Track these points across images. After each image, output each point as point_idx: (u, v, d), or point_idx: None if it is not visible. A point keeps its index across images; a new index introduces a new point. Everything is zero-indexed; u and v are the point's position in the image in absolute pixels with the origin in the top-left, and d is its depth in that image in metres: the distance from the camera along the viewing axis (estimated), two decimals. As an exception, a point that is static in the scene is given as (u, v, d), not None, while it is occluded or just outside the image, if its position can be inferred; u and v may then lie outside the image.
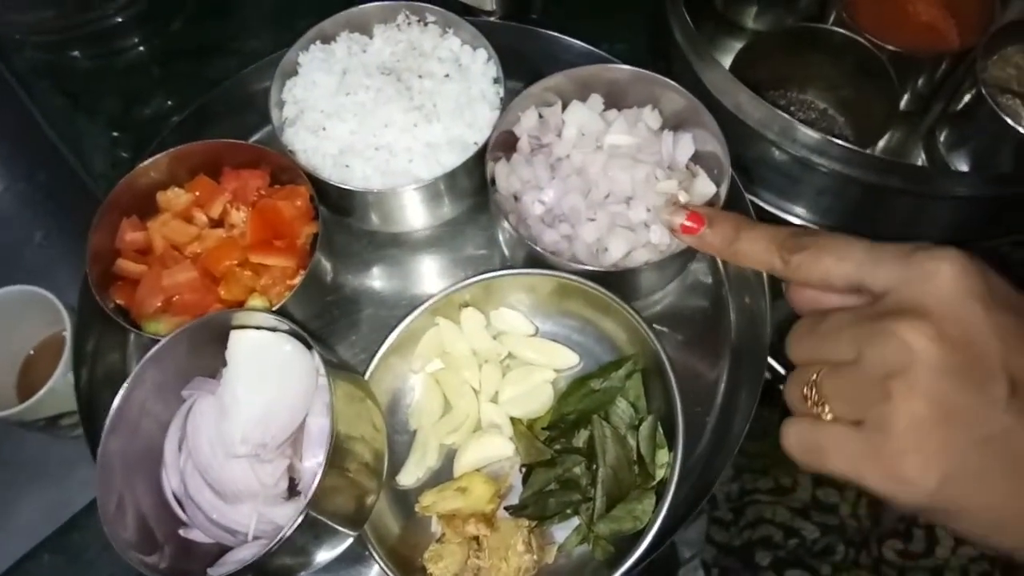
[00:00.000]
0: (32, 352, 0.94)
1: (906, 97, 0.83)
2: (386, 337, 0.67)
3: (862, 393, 0.41)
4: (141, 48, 0.90)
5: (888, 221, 0.73)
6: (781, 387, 0.72)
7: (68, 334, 0.79)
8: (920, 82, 0.82)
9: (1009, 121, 0.72)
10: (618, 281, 0.66)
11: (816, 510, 1.08)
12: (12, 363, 0.92)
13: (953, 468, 0.39)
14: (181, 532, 0.59)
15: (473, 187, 0.75)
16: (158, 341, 0.60)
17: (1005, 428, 0.38)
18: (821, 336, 0.44)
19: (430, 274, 0.78)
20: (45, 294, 0.83)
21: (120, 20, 0.90)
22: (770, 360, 0.67)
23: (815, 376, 0.44)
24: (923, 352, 0.38)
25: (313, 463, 0.56)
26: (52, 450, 0.94)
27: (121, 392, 0.57)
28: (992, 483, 0.39)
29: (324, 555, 0.59)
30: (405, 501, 0.65)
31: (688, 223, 0.60)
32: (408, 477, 0.65)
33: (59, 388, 0.78)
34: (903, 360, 0.39)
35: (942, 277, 0.40)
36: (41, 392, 0.78)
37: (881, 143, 0.81)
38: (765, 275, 0.70)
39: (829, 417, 0.43)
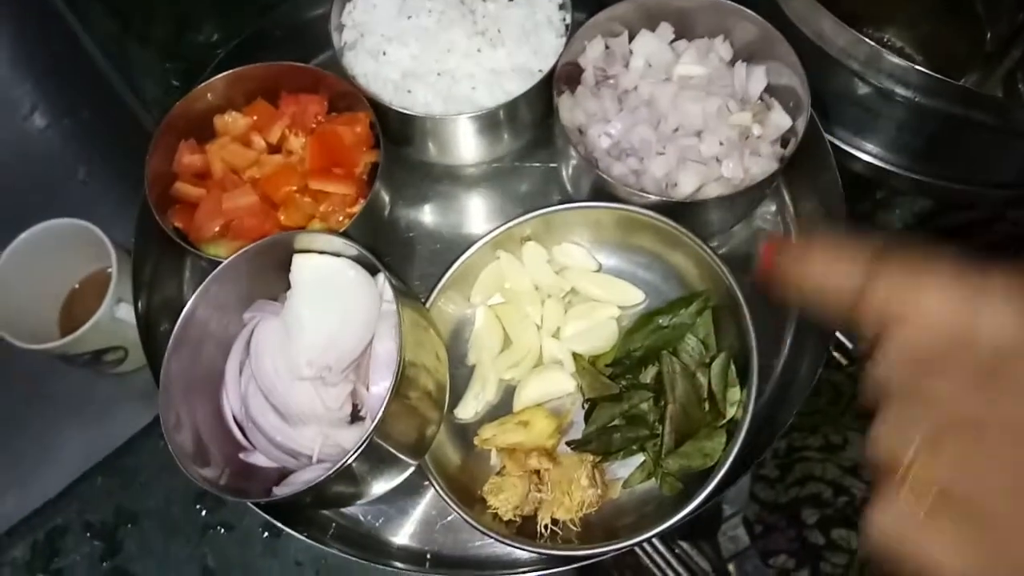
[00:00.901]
0: (77, 286, 0.94)
1: (987, 37, 0.79)
2: (446, 270, 0.65)
3: (983, 475, 0.30)
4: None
5: (966, 159, 0.70)
6: (836, 355, 0.69)
7: (113, 270, 0.79)
8: (1002, 23, 0.78)
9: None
10: (688, 215, 0.64)
11: (866, 468, 1.07)
12: (56, 297, 0.91)
13: None
14: (241, 456, 0.58)
15: (533, 120, 0.72)
16: (217, 265, 0.59)
17: None
18: (923, 396, 0.32)
19: (487, 211, 0.76)
20: (91, 228, 0.83)
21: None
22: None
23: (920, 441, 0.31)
24: None
25: (380, 388, 0.55)
26: (96, 385, 0.95)
27: (184, 312, 0.56)
28: None
29: (383, 485, 0.58)
30: (464, 435, 0.64)
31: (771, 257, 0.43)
32: (467, 411, 0.64)
33: (103, 322, 0.77)
34: None
35: None
36: (86, 326, 0.77)
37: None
38: (842, 217, 0.67)
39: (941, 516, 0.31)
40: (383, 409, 0.50)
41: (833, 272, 0.36)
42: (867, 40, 0.64)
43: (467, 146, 0.71)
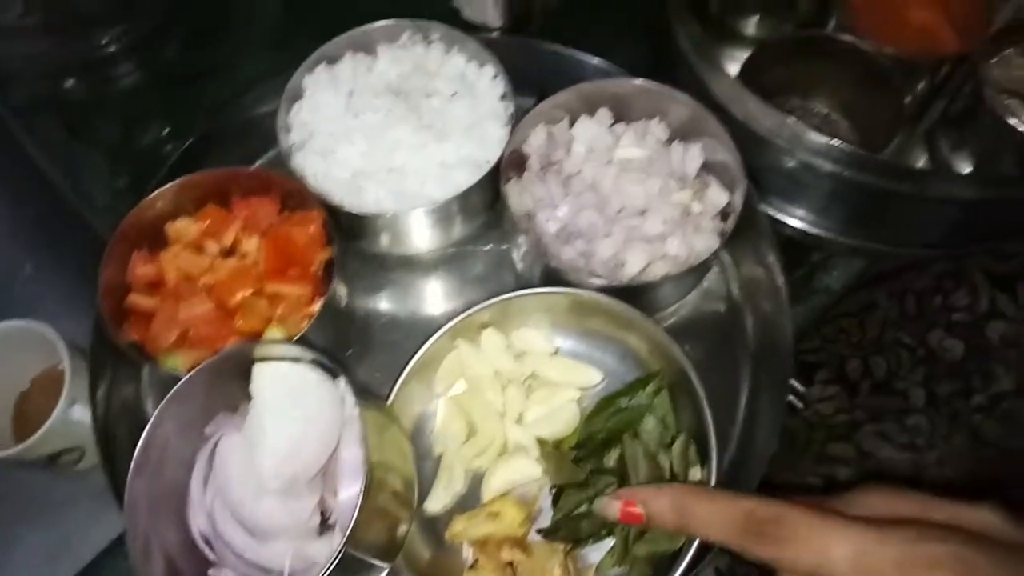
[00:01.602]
0: (28, 387, 0.92)
1: (907, 100, 0.83)
2: (406, 362, 0.66)
3: None
4: (136, 76, 0.89)
5: (892, 224, 0.74)
6: (792, 398, 0.72)
7: (66, 370, 0.77)
8: (920, 86, 0.83)
9: (1012, 122, 0.73)
10: (637, 295, 0.66)
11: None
12: (6, 400, 0.90)
13: None
14: (211, 572, 0.57)
15: (484, 205, 0.74)
16: (175, 376, 0.59)
17: None
18: None
19: (442, 296, 0.78)
20: (41, 328, 0.82)
21: (113, 50, 0.89)
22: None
23: None
24: None
25: (348, 494, 0.55)
26: (53, 486, 0.93)
27: (144, 433, 0.56)
28: None
29: (357, 590, 0.58)
30: (434, 528, 0.64)
31: (629, 510, 0.51)
32: (435, 503, 0.65)
33: (58, 426, 0.76)
34: None
35: None
36: (41, 431, 0.76)
37: (884, 147, 0.82)
38: (782, 282, 0.70)
39: None
40: (354, 518, 0.51)
41: (715, 529, 0.45)
42: (792, 120, 0.67)
43: (420, 237, 0.73)
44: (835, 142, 0.66)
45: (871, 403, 1.17)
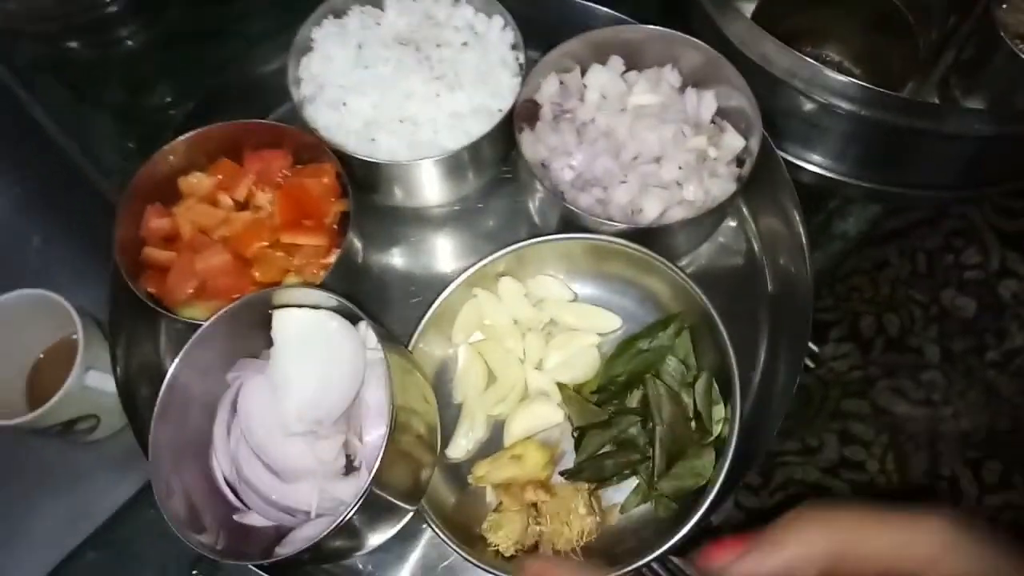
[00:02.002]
0: (41, 356, 0.92)
1: (920, 48, 0.83)
2: (425, 312, 0.66)
3: None
4: (141, 36, 0.88)
5: (909, 164, 0.74)
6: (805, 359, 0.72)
7: (79, 337, 0.78)
8: (933, 32, 0.82)
9: (1029, 58, 0.72)
10: (656, 240, 0.65)
11: (845, 468, 1.10)
12: (20, 370, 0.90)
13: None
14: (236, 517, 0.58)
15: (496, 157, 0.74)
16: (194, 328, 0.59)
17: None
18: None
19: (457, 250, 0.77)
20: (54, 297, 0.82)
21: (117, 9, 0.88)
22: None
23: None
24: None
25: (373, 437, 0.55)
26: (68, 457, 0.93)
27: (167, 379, 0.56)
28: None
29: (382, 535, 0.58)
30: (457, 474, 0.64)
31: None
32: (457, 450, 0.65)
33: (73, 392, 0.76)
34: None
35: None
36: (56, 397, 0.76)
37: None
38: (800, 228, 0.70)
39: None
40: (380, 458, 0.51)
41: None
42: (808, 60, 0.67)
43: (433, 188, 0.73)
44: (853, 81, 0.66)
45: (885, 360, 1.17)
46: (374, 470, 0.50)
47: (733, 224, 0.76)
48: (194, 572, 0.64)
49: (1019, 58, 0.73)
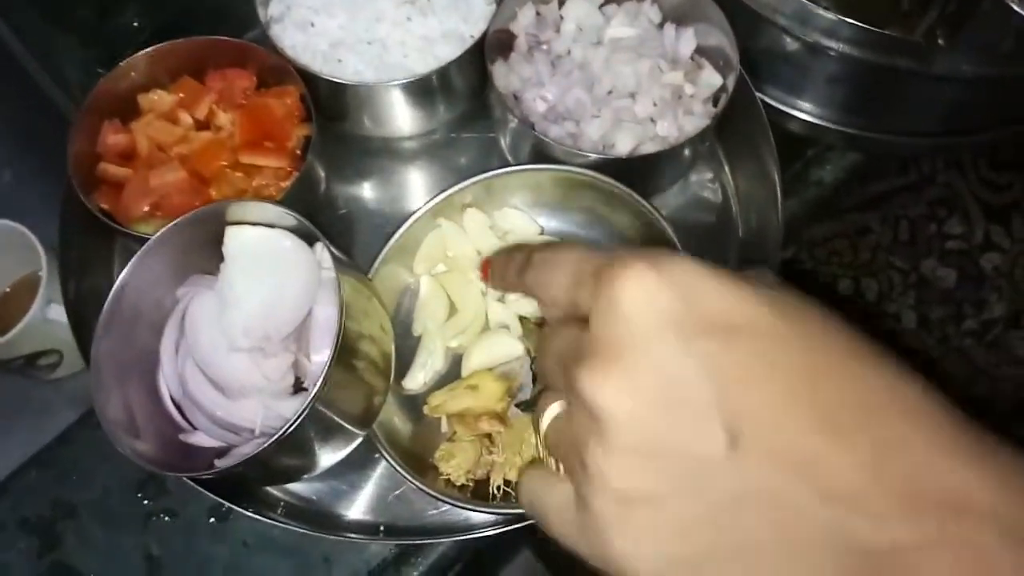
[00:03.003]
0: (8, 290, 0.91)
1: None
2: (387, 241, 0.64)
3: (567, 454, 0.33)
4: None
5: (893, 109, 0.72)
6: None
7: (43, 271, 0.77)
8: (919, -19, 0.81)
9: (1015, 7, 0.70)
10: (626, 174, 0.64)
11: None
12: (-16, 303, 0.89)
13: (670, 555, 0.30)
14: (181, 437, 0.56)
15: (467, 89, 0.72)
16: (147, 242, 0.57)
17: (733, 495, 0.29)
18: (542, 369, 0.36)
19: (426, 184, 0.75)
20: (19, 228, 0.81)
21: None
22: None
23: (544, 419, 0.35)
24: (611, 411, 0.29)
25: (321, 356, 0.54)
26: (31, 391, 0.92)
27: (114, 288, 0.54)
28: (731, 570, 0.30)
29: (330, 456, 0.57)
30: (413, 405, 0.63)
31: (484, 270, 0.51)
32: (415, 381, 0.64)
33: (35, 324, 0.76)
34: (593, 422, 0.30)
35: (626, 304, 0.30)
36: (17, 327, 0.76)
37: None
38: (778, 183, 0.68)
39: (562, 473, 0.34)
40: (324, 373, 0.49)
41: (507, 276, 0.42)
42: (792, -5, 0.65)
43: (402, 116, 0.71)
44: (839, 18, 0.64)
45: (862, 325, 1.15)
46: (316, 386, 0.49)
47: (709, 174, 0.75)
48: (139, 495, 0.63)
49: (1006, 7, 0.71)
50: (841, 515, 0.28)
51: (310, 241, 0.58)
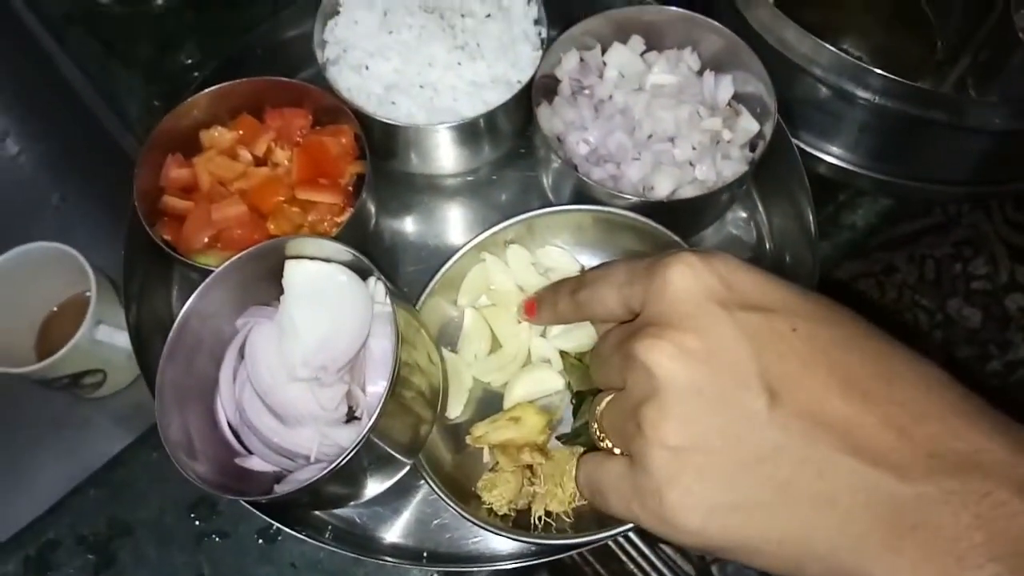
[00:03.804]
0: (55, 310, 0.94)
1: (937, 47, 0.83)
2: (434, 274, 0.67)
3: (624, 425, 0.37)
4: (172, -5, 0.90)
5: (924, 158, 0.74)
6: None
7: (92, 292, 0.79)
8: (952, 32, 0.83)
9: (1047, 63, 0.73)
10: (664, 217, 0.66)
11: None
12: (33, 322, 0.92)
13: (718, 502, 0.33)
14: (237, 461, 0.59)
15: (512, 130, 0.75)
16: (207, 276, 0.60)
17: (773, 446, 0.33)
18: (597, 363, 0.41)
19: (469, 220, 0.78)
20: (70, 251, 0.83)
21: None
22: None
23: (600, 405, 0.40)
24: (665, 373, 0.34)
25: (376, 387, 0.56)
26: (75, 410, 0.94)
27: (178, 319, 0.57)
28: (771, 514, 0.33)
29: (378, 484, 0.59)
30: (456, 435, 0.65)
31: (529, 306, 0.59)
32: (456, 410, 0.66)
33: (83, 344, 0.78)
34: (649, 386, 0.34)
35: (675, 284, 0.35)
36: (66, 347, 0.78)
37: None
38: (812, 225, 0.70)
39: (617, 452, 0.38)
40: (381, 405, 0.52)
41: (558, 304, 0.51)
42: (828, 46, 0.68)
43: (448, 155, 0.74)
44: (873, 69, 0.66)
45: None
46: (374, 417, 0.51)
47: (743, 214, 0.77)
48: (191, 515, 0.65)
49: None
50: (870, 468, 0.32)
51: (363, 275, 0.61)
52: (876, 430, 0.32)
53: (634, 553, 0.95)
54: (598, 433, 0.40)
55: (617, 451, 0.38)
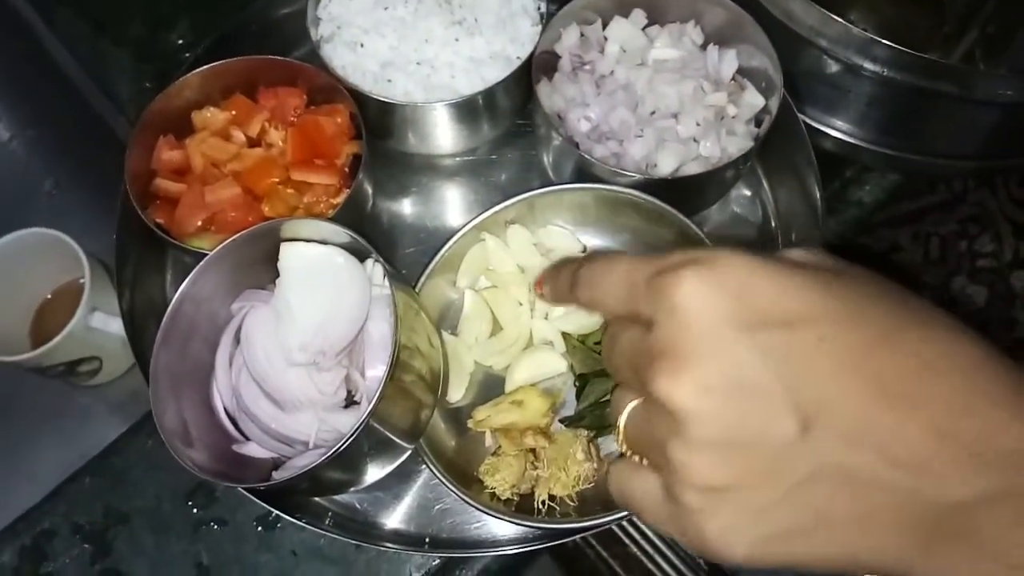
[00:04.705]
0: (49, 297, 0.92)
1: (945, 18, 0.82)
2: (434, 256, 0.66)
3: (650, 451, 0.35)
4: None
5: (932, 132, 0.73)
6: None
7: (86, 278, 0.78)
8: (959, 4, 0.81)
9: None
10: (669, 194, 0.65)
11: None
12: (27, 309, 0.90)
13: (760, 532, 0.32)
14: (234, 448, 0.58)
15: (511, 108, 0.73)
16: (202, 259, 0.59)
17: (808, 472, 0.31)
18: (610, 367, 0.38)
19: (468, 201, 0.77)
20: (63, 238, 0.81)
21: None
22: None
23: (622, 417, 0.36)
24: (687, 416, 0.31)
25: (375, 371, 0.55)
26: (70, 398, 0.93)
27: (172, 304, 0.56)
28: (813, 539, 0.32)
29: (379, 469, 0.58)
30: (457, 418, 0.64)
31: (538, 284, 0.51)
32: (458, 394, 0.65)
33: (77, 331, 0.76)
34: (672, 424, 0.32)
35: (684, 310, 0.32)
36: (60, 335, 0.76)
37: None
38: (820, 202, 0.69)
39: (645, 463, 0.36)
40: (380, 390, 0.50)
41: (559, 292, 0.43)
42: (836, 18, 0.66)
43: (447, 135, 0.72)
44: (880, 40, 0.64)
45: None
46: (373, 402, 0.50)
47: (748, 189, 0.76)
48: (189, 503, 0.64)
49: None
50: (908, 480, 0.30)
51: (361, 257, 0.59)
52: (915, 437, 0.30)
53: (637, 536, 0.94)
54: (624, 446, 0.37)
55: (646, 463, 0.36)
